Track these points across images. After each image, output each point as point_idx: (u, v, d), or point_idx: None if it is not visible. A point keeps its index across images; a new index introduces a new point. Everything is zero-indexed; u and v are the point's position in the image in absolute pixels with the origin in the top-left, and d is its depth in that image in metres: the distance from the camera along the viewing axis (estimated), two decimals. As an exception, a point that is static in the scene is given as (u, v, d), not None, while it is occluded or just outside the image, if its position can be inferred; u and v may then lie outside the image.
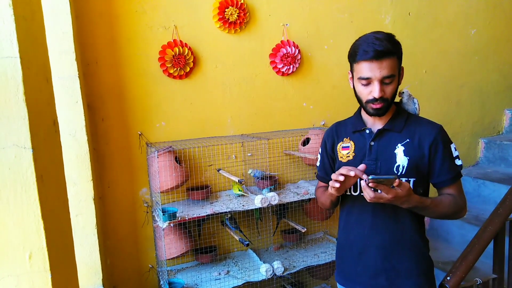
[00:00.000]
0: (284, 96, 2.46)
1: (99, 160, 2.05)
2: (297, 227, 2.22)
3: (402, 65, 1.32)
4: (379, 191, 1.16)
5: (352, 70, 1.32)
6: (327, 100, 2.57)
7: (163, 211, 1.91)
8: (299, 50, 2.41)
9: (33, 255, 0.96)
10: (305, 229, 2.17)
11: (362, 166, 1.20)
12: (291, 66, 2.39)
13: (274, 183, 2.31)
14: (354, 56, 1.26)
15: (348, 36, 2.57)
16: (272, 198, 2.05)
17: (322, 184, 1.55)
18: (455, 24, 3.00)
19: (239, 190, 2.18)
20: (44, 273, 0.97)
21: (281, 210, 2.37)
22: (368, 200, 1.19)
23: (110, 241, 2.11)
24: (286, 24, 2.40)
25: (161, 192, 2.00)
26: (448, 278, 1.68)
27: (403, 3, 2.76)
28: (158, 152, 1.94)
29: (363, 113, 1.39)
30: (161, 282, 2.02)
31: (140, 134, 2.12)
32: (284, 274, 2.11)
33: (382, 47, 1.18)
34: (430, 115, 1.54)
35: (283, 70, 2.39)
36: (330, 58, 2.54)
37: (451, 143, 1.32)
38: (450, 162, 1.30)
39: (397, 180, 1.13)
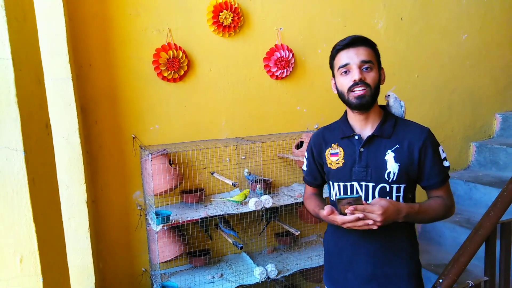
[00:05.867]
0: (278, 100, 2.46)
1: (92, 163, 2.04)
2: (290, 230, 2.22)
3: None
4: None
5: (333, 70, 1.35)
6: (321, 103, 2.59)
7: (157, 214, 1.90)
8: (292, 54, 2.42)
9: (24, 258, 0.95)
10: (299, 232, 2.17)
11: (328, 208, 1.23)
12: (285, 70, 2.40)
13: (268, 186, 2.31)
14: (333, 51, 1.32)
15: (341, 40, 2.58)
16: (266, 201, 2.05)
17: (311, 190, 1.54)
18: (447, 29, 3.04)
19: (237, 200, 2.10)
20: (35, 277, 0.96)
21: (275, 213, 2.37)
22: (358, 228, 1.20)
23: (103, 245, 2.10)
24: (280, 28, 2.41)
25: (154, 195, 1.99)
26: (441, 280, 1.68)
27: (395, 8, 2.79)
28: (151, 155, 1.93)
29: (350, 118, 1.37)
30: (155, 286, 2.01)
31: (133, 137, 2.11)
32: (278, 277, 2.10)
33: (357, 36, 1.28)
34: (422, 119, 1.56)
35: (277, 73, 2.39)
36: (323, 62, 2.55)
37: (439, 145, 1.33)
38: (439, 165, 1.31)
39: (363, 202, 1.16)
